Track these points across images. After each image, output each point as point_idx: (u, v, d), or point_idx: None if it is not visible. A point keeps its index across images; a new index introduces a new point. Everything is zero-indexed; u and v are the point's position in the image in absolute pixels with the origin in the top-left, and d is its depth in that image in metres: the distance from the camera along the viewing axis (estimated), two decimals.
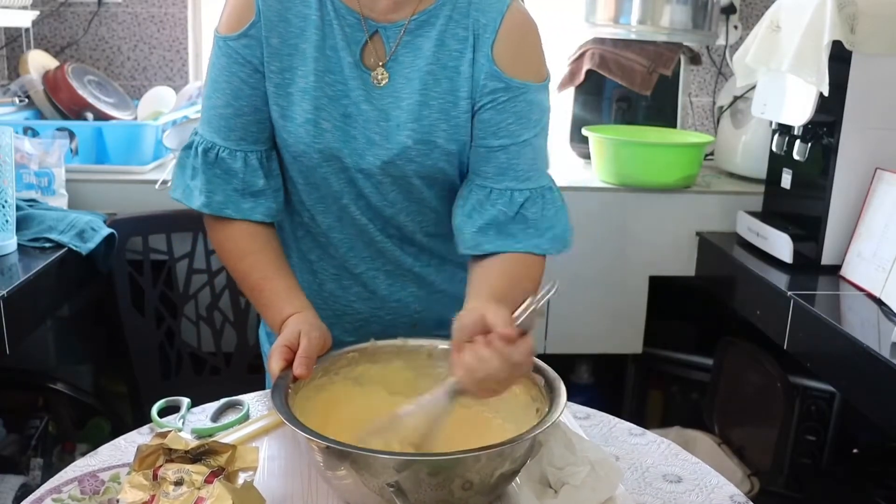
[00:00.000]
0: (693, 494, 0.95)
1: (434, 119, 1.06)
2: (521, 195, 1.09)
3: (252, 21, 1.06)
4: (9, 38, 2.39)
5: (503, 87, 1.06)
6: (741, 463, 2.02)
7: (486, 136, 1.08)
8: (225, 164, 1.10)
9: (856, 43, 1.54)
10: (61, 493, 0.89)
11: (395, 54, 1.07)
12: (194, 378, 1.91)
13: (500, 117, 1.07)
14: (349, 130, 1.07)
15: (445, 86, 1.06)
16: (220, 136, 1.10)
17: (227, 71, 1.08)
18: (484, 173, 1.09)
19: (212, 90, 1.10)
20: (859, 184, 1.64)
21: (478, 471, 0.81)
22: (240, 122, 1.09)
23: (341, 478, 0.83)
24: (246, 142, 1.10)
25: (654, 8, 2.13)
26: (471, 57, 1.06)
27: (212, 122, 1.10)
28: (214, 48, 1.10)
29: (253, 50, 1.07)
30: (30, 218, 1.62)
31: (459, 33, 1.06)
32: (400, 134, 1.06)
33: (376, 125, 1.07)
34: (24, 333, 1.44)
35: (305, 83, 1.06)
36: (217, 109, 1.10)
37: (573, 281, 1.96)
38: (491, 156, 1.08)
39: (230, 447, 0.84)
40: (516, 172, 1.09)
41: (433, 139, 1.07)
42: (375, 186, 1.10)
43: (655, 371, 2.39)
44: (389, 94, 1.07)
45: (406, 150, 1.07)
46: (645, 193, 1.99)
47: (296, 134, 1.08)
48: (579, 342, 2.08)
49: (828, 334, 1.44)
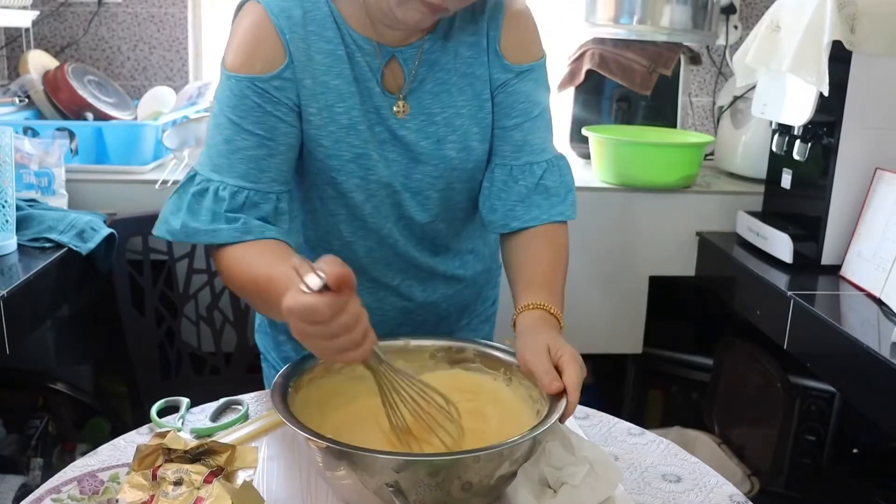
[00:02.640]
0: (692, 494, 0.95)
1: (467, 126, 1.11)
2: (540, 167, 1.15)
3: (286, 63, 1.03)
4: (9, 38, 2.39)
5: (513, 76, 1.12)
6: (741, 463, 2.02)
7: (500, 117, 1.13)
8: (257, 208, 1.04)
9: (856, 43, 1.54)
10: (60, 492, 0.89)
11: (416, 75, 1.08)
12: (194, 378, 1.91)
13: (511, 99, 1.13)
14: (392, 156, 1.09)
15: (469, 93, 1.11)
16: (247, 180, 1.03)
17: (257, 111, 1.03)
18: (502, 153, 1.14)
19: (234, 132, 1.03)
20: (859, 184, 1.64)
21: (477, 472, 0.81)
22: (273, 163, 1.04)
23: (341, 478, 0.83)
24: (277, 182, 1.05)
25: (654, 8, 2.13)
26: (485, 59, 1.11)
27: (235, 167, 1.03)
28: (231, 89, 1.03)
29: (287, 91, 1.04)
30: (30, 218, 1.62)
31: (468, 39, 1.10)
32: (443, 149, 1.10)
33: (417, 146, 1.09)
34: (24, 333, 1.44)
35: (349, 119, 1.06)
36: (244, 152, 1.03)
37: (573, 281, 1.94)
38: (506, 135, 1.14)
39: (229, 447, 0.84)
40: (532, 147, 1.14)
41: (469, 144, 1.12)
42: (421, 204, 1.13)
43: (655, 371, 2.39)
44: (421, 112, 1.09)
45: (450, 161, 1.11)
46: (645, 193, 1.99)
47: (346, 171, 1.08)
48: (579, 342, 2.05)
49: (828, 334, 1.44)
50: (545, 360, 0.94)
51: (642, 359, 2.29)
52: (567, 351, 0.94)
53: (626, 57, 2.17)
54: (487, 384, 1.02)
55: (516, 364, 0.99)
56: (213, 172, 1.04)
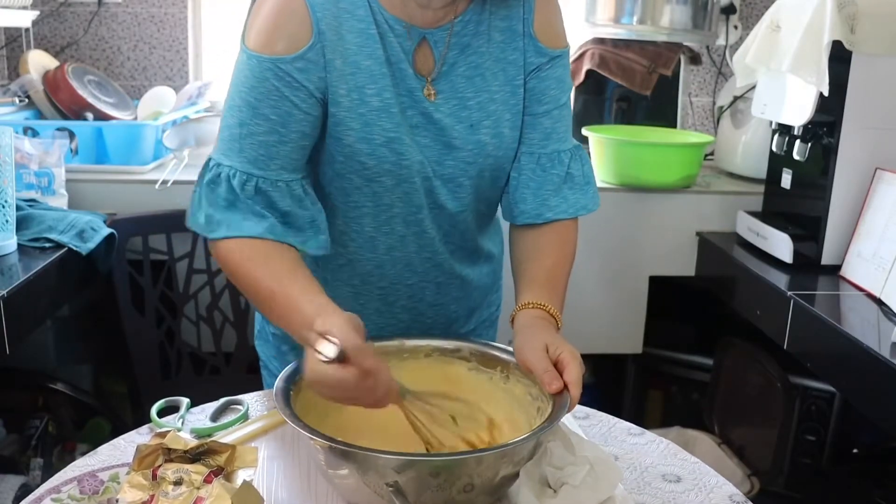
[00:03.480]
0: (692, 494, 0.95)
1: (500, 112, 1.09)
2: (566, 155, 1.14)
3: (311, 43, 0.99)
4: (9, 38, 2.39)
5: (546, 60, 1.11)
6: (741, 463, 2.02)
7: (531, 104, 1.12)
8: (268, 197, 1.01)
9: (856, 43, 1.54)
10: (60, 492, 0.89)
11: (446, 57, 1.06)
12: (194, 378, 1.91)
13: (543, 85, 1.12)
14: (425, 141, 1.07)
15: (502, 78, 1.09)
16: (256, 167, 1.00)
17: (274, 95, 0.99)
18: (530, 140, 1.13)
19: (248, 116, 1.00)
20: (859, 184, 1.64)
21: (479, 472, 0.81)
22: (283, 150, 1.01)
23: (343, 477, 0.83)
24: (286, 171, 1.02)
25: (654, 8, 2.13)
26: (520, 44, 1.09)
27: (246, 151, 1.00)
28: (251, 69, 1.00)
29: (309, 74, 1.00)
30: (30, 218, 1.62)
31: (500, 24, 1.08)
32: (477, 133, 1.08)
33: (452, 129, 1.07)
34: (24, 333, 1.44)
35: (381, 101, 1.03)
36: (256, 136, 1.00)
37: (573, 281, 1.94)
38: (536, 122, 1.13)
39: (229, 447, 0.84)
40: (559, 135, 1.14)
41: (501, 130, 1.10)
42: (453, 192, 1.11)
43: (655, 371, 2.39)
44: (454, 96, 1.07)
45: (485, 146, 1.09)
46: (645, 193, 1.99)
47: (377, 155, 1.04)
48: (579, 342, 2.04)
49: (828, 334, 1.44)
50: (544, 358, 0.94)
51: (642, 359, 2.29)
52: (566, 349, 0.94)
53: (626, 57, 2.17)
54: (484, 384, 1.02)
55: (514, 362, 0.99)
56: (223, 156, 1.02)
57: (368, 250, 1.13)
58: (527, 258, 1.13)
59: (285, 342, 1.25)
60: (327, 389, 0.84)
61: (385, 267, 1.14)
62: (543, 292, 1.06)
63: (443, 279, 1.18)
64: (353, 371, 0.82)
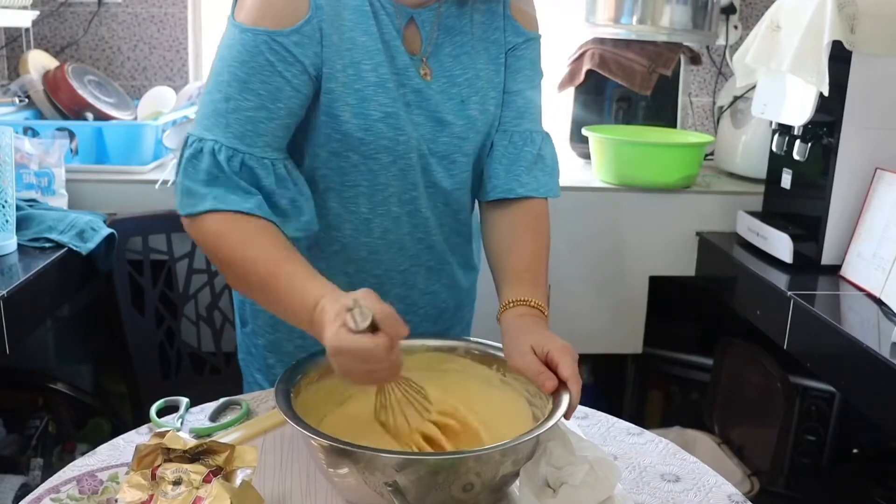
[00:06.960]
0: (691, 494, 0.95)
1: (486, 89, 1.12)
2: (538, 136, 1.18)
3: (307, 17, 0.99)
4: (9, 38, 2.39)
5: (523, 40, 1.16)
6: (741, 463, 2.02)
7: (507, 81, 1.16)
8: (253, 174, 1.00)
9: (856, 43, 1.54)
10: (60, 492, 0.89)
11: (436, 38, 1.09)
12: (194, 378, 1.91)
13: (518, 63, 1.16)
14: (419, 119, 1.08)
15: (485, 56, 1.13)
16: (243, 143, 0.98)
17: (266, 70, 0.98)
18: (504, 118, 1.16)
19: (237, 91, 0.98)
20: (859, 184, 1.64)
21: (479, 472, 0.81)
22: (270, 127, 1.00)
23: (343, 476, 0.83)
24: (271, 148, 1.01)
25: (654, 8, 2.13)
26: (500, 24, 1.13)
27: (232, 126, 0.98)
28: (245, 44, 0.98)
29: (304, 48, 0.99)
30: (30, 218, 1.62)
31: (481, 6, 1.12)
32: (467, 108, 1.11)
33: (443, 106, 1.09)
34: (24, 333, 1.44)
35: (377, 76, 1.04)
36: (244, 112, 0.98)
37: (573, 281, 1.96)
38: (510, 100, 1.16)
39: (228, 447, 0.84)
40: (532, 115, 1.18)
41: (488, 107, 1.13)
42: (447, 169, 1.13)
43: (655, 371, 2.39)
44: (442, 75, 1.09)
45: (475, 121, 1.12)
46: (645, 193, 1.99)
47: (375, 131, 1.05)
48: (579, 342, 2.05)
49: (828, 334, 1.44)
50: (533, 360, 0.93)
51: (642, 359, 2.29)
52: (553, 344, 0.93)
53: (626, 57, 2.17)
54: (480, 383, 1.02)
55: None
56: (205, 131, 0.98)
57: (363, 234, 1.14)
58: (506, 251, 1.13)
59: (273, 353, 1.23)
60: (356, 361, 0.82)
61: (380, 252, 1.15)
62: (525, 287, 1.06)
63: (434, 263, 1.20)
64: (384, 339, 0.81)
